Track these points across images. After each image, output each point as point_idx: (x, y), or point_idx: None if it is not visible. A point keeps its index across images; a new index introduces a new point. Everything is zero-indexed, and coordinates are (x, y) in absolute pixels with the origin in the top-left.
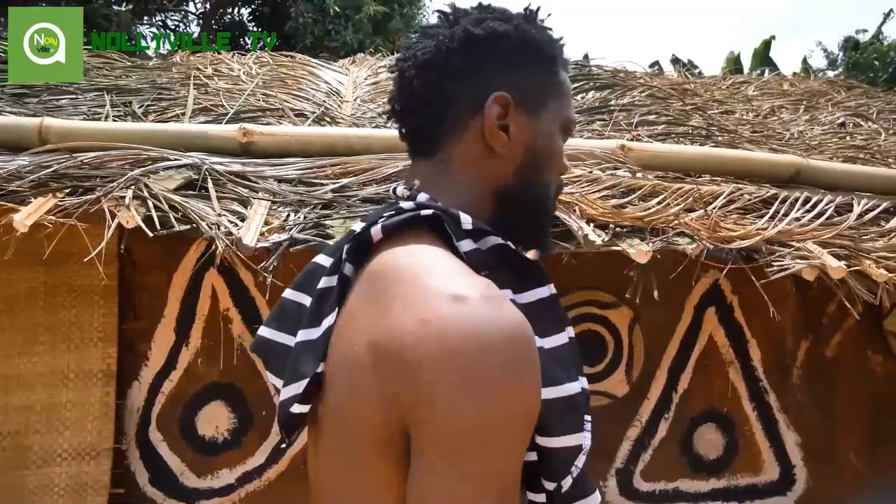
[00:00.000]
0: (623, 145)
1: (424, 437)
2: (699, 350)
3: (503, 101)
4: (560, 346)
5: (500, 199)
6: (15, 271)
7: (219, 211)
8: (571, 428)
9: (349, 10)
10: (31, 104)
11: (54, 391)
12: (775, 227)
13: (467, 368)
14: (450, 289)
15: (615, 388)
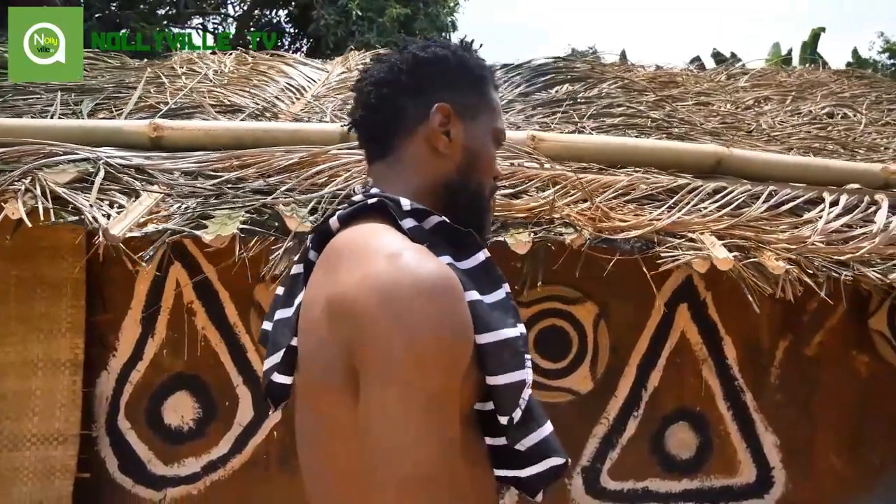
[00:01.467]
0: (534, 136)
1: (368, 370)
2: (670, 347)
3: (445, 111)
4: (498, 301)
5: (445, 191)
6: None
7: (91, 202)
8: (512, 366)
9: (372, 13)
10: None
11: (25, 379)
12: (671, 218)
13: (400, 307)
14: (386, 250)
15: (579, 385)
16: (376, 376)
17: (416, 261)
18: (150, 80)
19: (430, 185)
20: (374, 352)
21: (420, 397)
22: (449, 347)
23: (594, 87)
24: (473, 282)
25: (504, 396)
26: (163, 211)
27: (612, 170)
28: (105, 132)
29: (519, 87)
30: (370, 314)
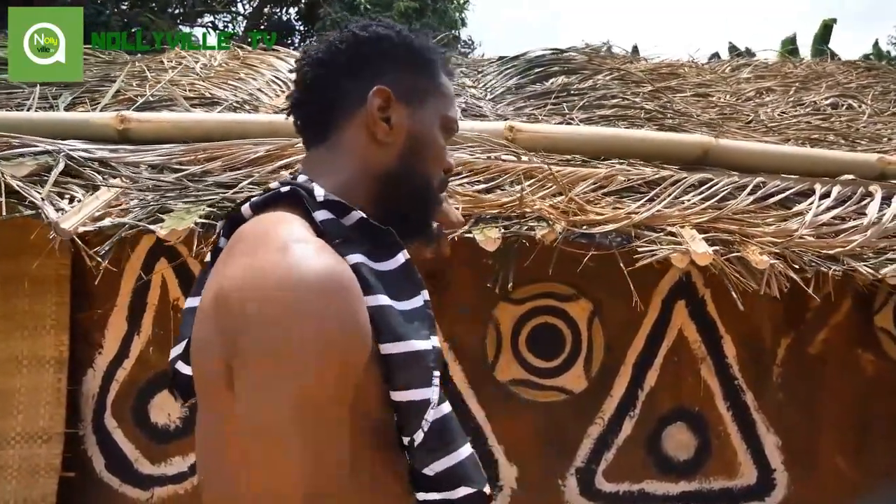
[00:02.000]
0: (511, 126)
1: (239, 368)
2: (668, 346)
3: (384, 94)
4: (414, 309)
5: (383, 183)
6: None
7: (44, 195)
8: (417, 383)
9: (380, 7)
10: None
11: (9, 377)
12: (649, 211)
13: (278, 303)
14: (277, 242)
15: (572, 384)
16: (246, 377)
17: (306, 255)
18: (135, 74)
19: (366, 174)
20: (248, 350)
21: (293, 404)
22: (333, 352)
23: (589, 79)
24: (387, 285)
25: (406, 414)
26: (123, 205)
27: (596, 162)
28: (72, 125)
29: (512, 79)
30: (249, 308)
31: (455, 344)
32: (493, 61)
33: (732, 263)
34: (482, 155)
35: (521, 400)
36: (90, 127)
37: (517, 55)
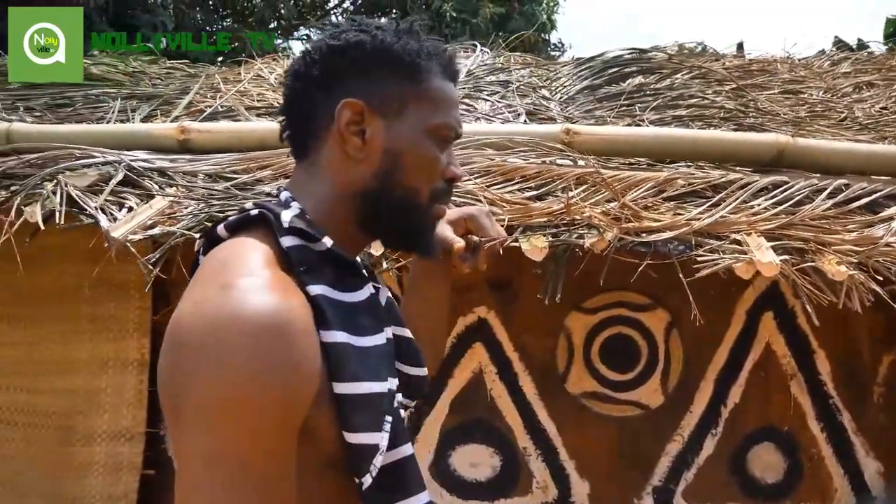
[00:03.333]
0: (568, 129)
1: (175, 411)
2: (753, 360)
3: (355, 107)
4: (374, 347)
5: (362, 200)
6: (65, 266)
7: (98, 204)
8: (367, 426)
9: (466, 14)
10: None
11: (95, 377)
12: (712, 217)
13: (210, 348)
14: (224, 278)
15: (648, 398)
16: (178, 421)
17: (247, 293)
18: (212, 85)
19: (344, 192)
20: (181, 395)
21: (229, 451)
22: (259, 407)
23: (667, 79)
24: (348, 319)
25: (355, 457)
26: (177, 213)
27: (661, 165)
28: (137, 136)
29: (586, 80)
30: (184, 347)
31: (524, 354)
32: (568, 63)
33: (807, 275)
34: (537, 160)
35: (594, 413)
36: (153, 138)
37: (593, 56)
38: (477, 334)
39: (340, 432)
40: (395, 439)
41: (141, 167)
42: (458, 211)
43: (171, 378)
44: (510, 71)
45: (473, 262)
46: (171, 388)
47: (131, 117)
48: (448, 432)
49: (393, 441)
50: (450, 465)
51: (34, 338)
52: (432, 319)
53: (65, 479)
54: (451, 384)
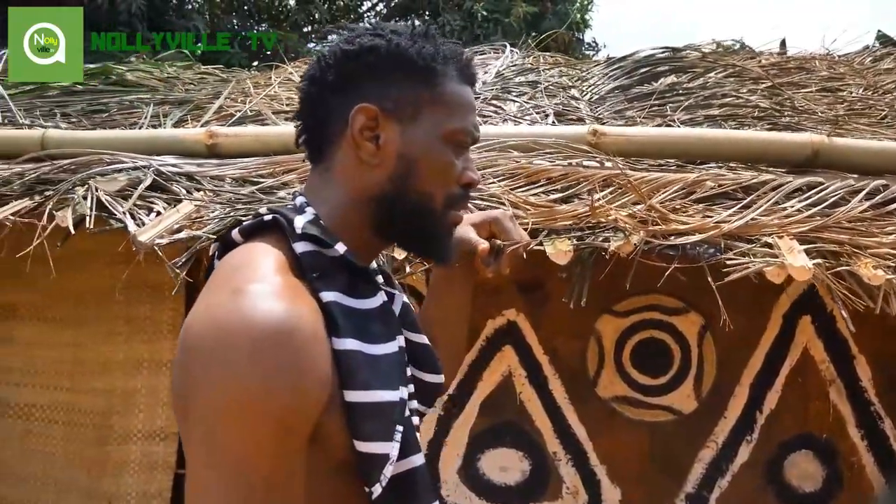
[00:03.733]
0: (595, 130)
1: (182, 409)
2: (790, 365)
3: (368, 112)
4: (386, 355)
5: (377, 206)
6: (102, 269)
7: (126, 209)
8: (378, 435)
9: (498, 14)
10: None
11: (131, 378)
12: (743, 219)
13: (220, 353)
14: (236, 283)
15: (681, 403)
16: (187, 427)
17: (257, 299)
18: (243, 90)
19: (359, 198)
20: (189, 397)
21: (230, 458)
22: (264, 414)
23: (700, 78)
24: (361, 327)
25: (365, 466)
26: (203, 217)
27: (691, 167)
28: (166, 141)
29: (617, 80)
30: (194, 351)
31: (554, 357)
32: (599, 63)
33: (843, 279)
34: (563, 162)
35: (625, 418)
36: (182, 143)
37: (625, 56)
38: (506, 337)
39: (351, 440)
40: (407, 449)
41: (169, 172)
42: (481, 214)
43: (181, 381)
44: (539, 71)
45: (496, 265)
46: (180, 391)
47: (163, 122)
48: (477, 436)
49: (404, 451)
50: (479, 468)
51: (74, 339)
52: (452, 326)
53: (102, 477)
54: (480, 387)
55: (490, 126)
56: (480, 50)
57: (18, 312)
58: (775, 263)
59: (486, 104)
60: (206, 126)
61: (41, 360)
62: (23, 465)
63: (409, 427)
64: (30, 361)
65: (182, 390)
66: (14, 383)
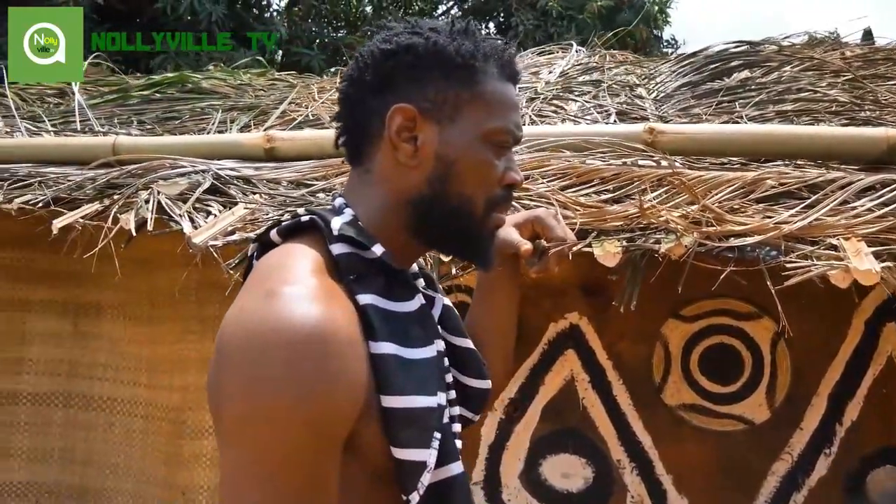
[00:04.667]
0: (651, 129)
1: (214, 412)
2: (873, 375)
3: (406, 113)
4: (423, 359)
5: (415, 209)
6: (176, 269)
7: (182, 212)
8: (414, 442)
9: (572, 11)
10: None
11: (203, 375)
12: (805, 219)
13: (251, 357)
14: (270, 285)
15: (753, 413)
16: (220, 429)
17: (290, 302)
18: (308, 94)
19: (397, 200)
20: (222, 401)
21: (263, 464)
22: (301, 422)
23: (775, 72)
24: (398, 330)
25: (403, 473)
26: (258, 219)
27: (756, 165)
28: (227, 146)
29: (686, 77)
30: (225, 355)
31: (618, 362)
32: (668, 60)
33: None
34: (617, 161)
35: (693, 427)
36: (242, 147)
37: (695, 51)
38: (569, 341)
39: (389, 447)
40: (445, 457)
41: (227, 176)
42: (524, 214)
43: (214, 384)
44: (604, 70)
45: (541, 266)
46: (213, 394)
47: (229, 128)
48: (539, 441)
49: (442, 459)
50: (540, 474)
51: (152, 336)
52: (499, 329)
53: (178, 471)
54: (541, 391)
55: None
56: (547, 49)
57: (104, 311)
58: (840, 267)
59: (546, 104)
60: (267, 130)
61: (123, 357)
62: (106, 455)
63: (448, 434)
64: (113, 357)
65: (214, 395)
66: (98, 377)
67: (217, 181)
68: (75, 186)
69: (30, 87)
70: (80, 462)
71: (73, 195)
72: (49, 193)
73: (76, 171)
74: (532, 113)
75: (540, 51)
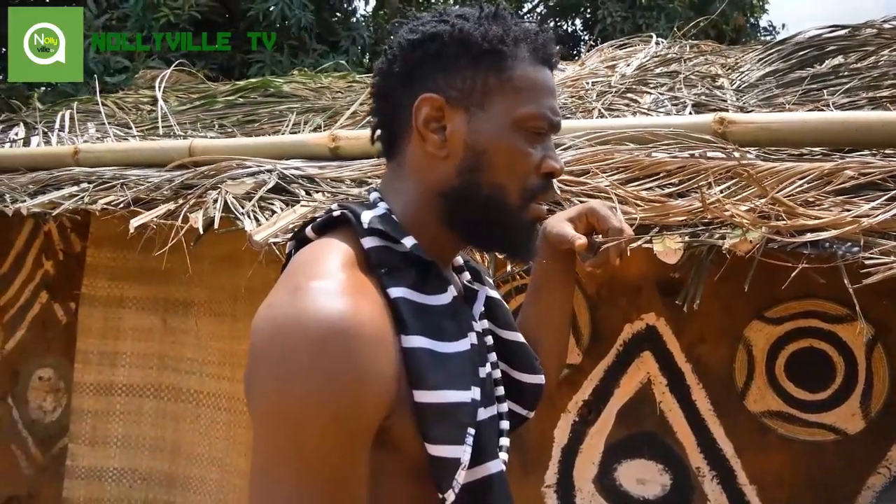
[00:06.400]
0: (721, 119)
1: (250, 410)
2: None
3: (433, 102)
4: (457, 353)
5: (447, 201)
6: (254, 267)
7: (245, 210)
8: (447, 438)
9: (661, 0)
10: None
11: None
12: (887, 213)
13: (278, 352)
14: (298, 279)
15: (845, 422)
16: (254, 422)
17: (316, 297)
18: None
19: (430, 192)
20: (251, 393)
21: (290, 460)
22: (330, 415)
23: (871, 56)
24: (430, 323)
25: (437, 469)
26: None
27: (838, 155)
28: (293, 146)
29: (772, 65)
30: (254, 349)
31: (698, 366)
32: (755, 48)
33: None
34: (684, 153)
35: (779, 435)
36: (308, 147)
37: (784, 39)
38: (645, 342)
39: (423, 443)
40: (480, 454)
41: (292, 175)
42: (578, 207)
43: (247, 378)
44: (683, 61)
45: (597, 261)
46: (247, 388)
47: (302, 129)
48: (614, 445)
49: (477, 457)
50: (615, 479)
51: (234, 332)
52: (552, 327)
53: None
54: (617, 394)
55: (605, 119)
56: (628, 42)
57: (193, 307)
58: None
59: (619, 97)
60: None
61: (208, 351)
62: (193, 445)
63: (486, 430)
64: (199, 352)
65: (248, 387)
66: (185, 371)
67: (282, 180)
68: (153, 187)
69: (127, 95)
70: (170, 451)
71: (152, 196)
72: (129, 195)
73: (155, 173)
74: (602, 106)
75: (620, 44)
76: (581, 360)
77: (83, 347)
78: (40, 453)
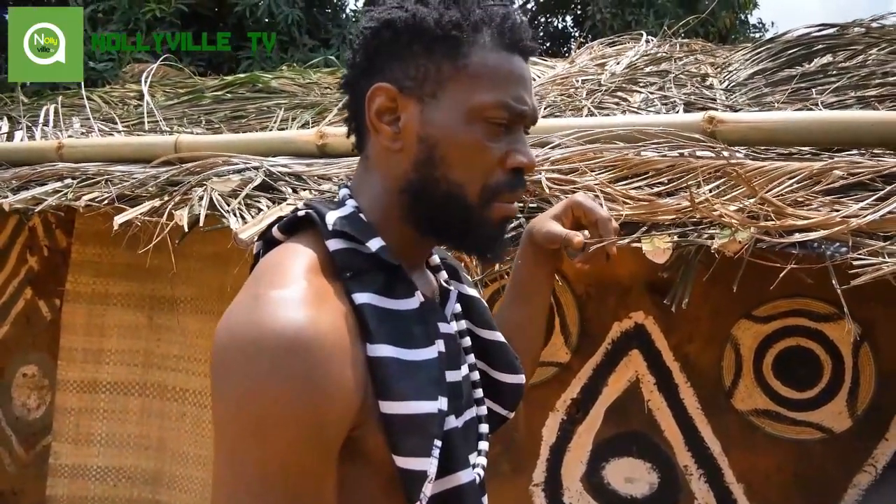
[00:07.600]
0: (711, 118)
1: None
2: None
3: (384, 92)
4: (424, 361)
5: (407, 196)
6: (242, 267)
7: (230, 208)
8: (414, 450)
9: None
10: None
11: None
12: (876, 213)
13: (234, 362)
14: (259, 287)
15: (832, 421)
16: (215, 432)
17: (276, 307)
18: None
19: (390, 189)
20: (214, 403)
21: (252, 474)
22: (286, 426)
23: (859, 55)
24: (397, 330)
25: (405, 481)
26: None
27: (826, 154)
28: (282, 143)
29: (761, 64)
30: (216, 361)
31: (686, 364)
32: (743, 47)
33: None
34: (673, 152)
35: (766, 434)
36: (295, 144)
37: (773, 37)
38: (634, 341)
39: (391, 455)
40: (450, 464)
41: (279, 172)
42: (562, 202)
43: (211, 386)
44: (673, 60)
45: (585, 257)
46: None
47: (290, 125)
48: (602, 443)
49: (447, 467)
50: (603, 477)
51: None
52: (531, 330)
53: None
54: (605, 392)
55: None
56: (617, 40)
57: (179, 304)
58: None
59: (608, 95)
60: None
61: (194, 349)
62: (178, 443)
63: (456, 439)
64: (185, 349)
65: (211, 394)
66: (171, 368)
67: (268, 178)
68: (138, 184)
69: (113, 90)
70: (155, 448)
71: (136, 192)
72: (114, 191)
73: (140, 169)
74: (591, 105)
75: (610, 42)
76: (569, 358)
77: (67, 344)
78: (24, 451)
